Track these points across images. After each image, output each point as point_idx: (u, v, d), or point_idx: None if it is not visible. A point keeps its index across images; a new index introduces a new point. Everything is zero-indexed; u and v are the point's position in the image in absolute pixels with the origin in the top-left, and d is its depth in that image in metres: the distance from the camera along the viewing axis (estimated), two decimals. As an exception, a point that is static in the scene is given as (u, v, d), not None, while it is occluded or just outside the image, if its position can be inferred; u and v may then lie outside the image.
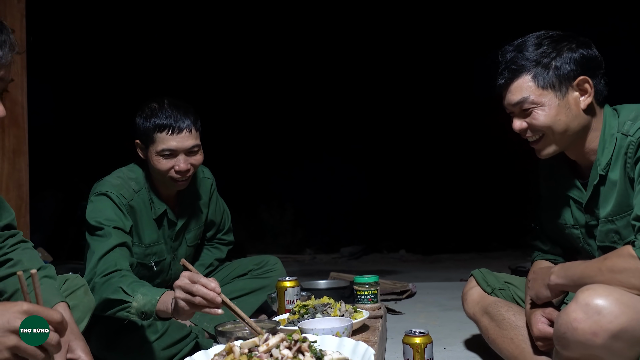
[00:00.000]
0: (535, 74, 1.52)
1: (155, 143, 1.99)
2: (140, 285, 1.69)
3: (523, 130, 1.58)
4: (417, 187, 8.22)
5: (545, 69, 1.52)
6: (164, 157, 2.00)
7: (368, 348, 1.24)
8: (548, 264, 1.80)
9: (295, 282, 2.03)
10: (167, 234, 2.21)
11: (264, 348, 1.15)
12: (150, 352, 1.90)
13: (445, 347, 2.17)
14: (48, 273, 1.50)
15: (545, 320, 1.56)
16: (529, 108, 1.54)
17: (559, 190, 1.72)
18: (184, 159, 2.01)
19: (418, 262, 6.81)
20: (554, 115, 1.52)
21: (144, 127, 2.01)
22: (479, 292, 1.91)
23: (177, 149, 1.99)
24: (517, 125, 1.59)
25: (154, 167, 2.05)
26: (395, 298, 3.38)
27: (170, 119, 1.98)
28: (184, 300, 1.46)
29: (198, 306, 1.45)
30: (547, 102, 1.52)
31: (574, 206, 1.66)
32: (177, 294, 1.47)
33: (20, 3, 2.82)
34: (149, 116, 2.00)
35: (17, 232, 1.59)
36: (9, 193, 2.68)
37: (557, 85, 1.51)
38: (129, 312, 1.65)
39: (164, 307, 1.58)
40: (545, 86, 1.52)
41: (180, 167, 2.00)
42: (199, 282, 1.43)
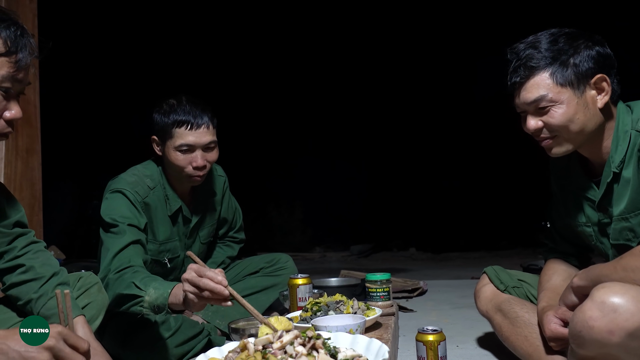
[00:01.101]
0: (554, 71, 1.49)
1: (173, 138, 2.03)
2: (152, 280, 1.70)
3: (538, 129, 1.55)
4: (426, 185, 8.20)
5: (564, 66, 1.49)
6: (181, 153, 2.03)
7: (382, 345, 1.24)
8: (561, 263, 1.79)
9: (308, 279, 2.04)
10: (181, 231, 2.23)
11: (278, 345, 1.15)
12: (164, 349, 1.91)
13: (458, 344, 2.16)
14: (62, 280, 1.51)
15: (557, 321, 1.53)
16: (546, 106, 1.50)
17: (570, 188, 1.70)
18: (201, 154, 2.05)
19: (428, 260, 6.80)
20: (572, 113, 1.49)
21: (162, 123, 2.05)
22: (491, 290, 1.90)
23: (195, 144, 2.02)
24: (531, 124, 1.55)
25: (171, 162, 2.07)
26: (406, 296, 3.37)
27: (189, 115, 2.02)
28: (192, 294, 1.46)
29: (207, 299, 1.45)
30: (565, 100, 1.49)
31: (587, 204, 1.65)
32: (185, 287, 1.48)
33: (32, 3, 2.85)
34: (168, 112, 2.04)
35: (29, 231, 1.60)
36: (23, 192, 2.70)
37: (576, 83, 1.48)
38: (142, 307, 1.66)
39: (176, 299, 1.59)
40: (564, 84, 1.48)
41: (198, 162, 2.04)
42: (205, 275, 1.43)
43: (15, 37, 1.25)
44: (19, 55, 1.25)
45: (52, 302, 1.44)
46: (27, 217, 1.64)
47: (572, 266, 1.78)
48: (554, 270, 1.76)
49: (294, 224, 8.31)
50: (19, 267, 1.51)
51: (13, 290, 1.50)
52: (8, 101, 1.28)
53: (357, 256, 7.35)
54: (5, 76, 1.24)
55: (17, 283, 1.49)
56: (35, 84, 2.74)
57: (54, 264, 1.56)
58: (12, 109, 1.29)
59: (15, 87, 1.28)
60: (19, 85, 1.29)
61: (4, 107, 1.27)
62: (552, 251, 1.86)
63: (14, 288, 1.50)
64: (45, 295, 1.46)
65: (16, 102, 1.30)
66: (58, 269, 1.54)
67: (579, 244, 1.78)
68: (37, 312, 1.45)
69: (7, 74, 1.24)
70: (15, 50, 1.24)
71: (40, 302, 1.45)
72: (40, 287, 1.47)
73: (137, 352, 1.89)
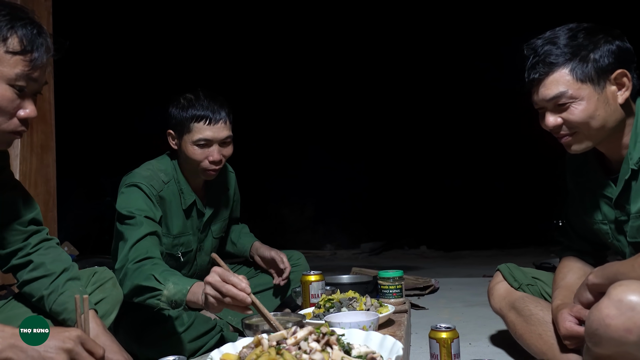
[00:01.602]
0: (573, 67, 1.46)
1: (191, 132, 2.04)
2: (172, 274, 1.71)
3: (557, 126, 1.52)
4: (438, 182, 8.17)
5: (584, 62, 1.46)
6: (199, 147, 2.05)
7: (396, 342, 1.23)
8: (576, 261, 1.77)
9: (320, 276, 2.04)
10: (195, 225, 2.24)
11: (292, 341, 1.15)
12: (178, 344, 1.92)
13: (471, 342, 2.15)
14: (72, 275, 1.53)
15: (572, 319, 1.52)
16: (566, 103, 1.48)
17: (587, 185, 1.68)
18: (218, 149, 2.07)
19: (439, 258, 6.77)
20: (592, 109, 1.46)
21: (179, 117, 2.06)
22: (505, 287, 1.89)
23: (212, 139, 2.05)
24: (550, 121, 1.52)
25: (187, 156, 2.09)
26: (418, 293, 3.36)
27: (208, 110, 2.03)
28: (213, 298, 1.47)
29: (227, 305, 1.46)
30: (585, 96, 1.46)
31: (603, 201, 1.63)
32: (207, 290, 1.48)
33: (47, 1, 2.87)
34: (186, 107, 2.05)
35: (43, 228, 1.61)
36: (38, 188, 2.73)
37: (596, 79, 1.46)
38: (160, 300, 1.67)
39: (194, 297, 1.59)
40: (584, 79, 1.46)
41: (214, 157, 2.06)
42: (229, 281, 1.44)
43: (31, 36, 1.25)
44: (34, 54, 1.25)
45: (62, 298, 1.46)
46: (42, 214, 1.65)
47: (587, 264, 1.76)
48: (569, 268, 1.75)
49: (305, 221, 8.32)
50: (30, 263, 1.53)
51: (26, 288, 1.52)
52: (23, 100, 1.28)
53: (367, 254, 7.34)
54: (19, 74, 1.24)
55: (29, 280, 1.51)
56: (50, 82, 2.76)
57: (65, 259, 1.58)
58: (27, 108, 1.29)
59: (31, 86, 1.28)
60: (35, 84, 1.29)
61: (18, 105, 1.27)
62: (567, 249, 1.84)
63: (26, 285, 1.52)
64: (56, 291, 1.47)
65: (31, 101, 1.30)
66: (69, 265, 1.55)
67: (595, 241, 1.76)
68: (49, 308, 1.47)
69: (22, 72, 1.24)
70: (31, 50, 1.25)
71: (51, 298, 1.47)
72: (51, 284, 1.49)
73: (151, 348, 1.90)
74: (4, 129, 1.28)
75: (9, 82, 1.23)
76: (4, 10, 1.24)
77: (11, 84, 1.24)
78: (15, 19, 1.24)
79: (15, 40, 1.23)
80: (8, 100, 1.24)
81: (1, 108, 1.24)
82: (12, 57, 1.22)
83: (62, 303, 1.46)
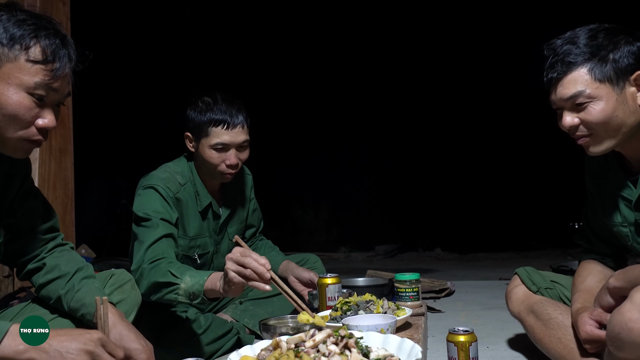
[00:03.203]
0: (592, 66, 1.45)
1: (209, 137, 2.06)
2: (188, 269, 1.74)
3: (574, 126, 1.50)
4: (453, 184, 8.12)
5: (603, 62, 1.44)
6: (216, 151, 2.07)
7: (414, 345, 1.23)
8: (596, 264, 1.75)
9: (337, 279, 2.03)
10: (211, 227, 2.25)
11: (310, 343, 1.15)
12: (196, 346, 1.93)
13: (489, 346, 2.13)
14: (86, 274, 1.54)
15: (593, 323, 1.49)
16: (584, 102, 1.46)
17: (606, 187, 1.66)
18: (235, 153, 2.09)
19: (454, 260, 6.73)
20: (611, 110, 1.44)
21: (198, 121, 2.07)
22: (523, 291, 1.87)
23: (230, 143, 2.06)
24: (567, 121, 1.51)
25: (204, 159, 2.10)
26: (434, 296, 3.34)
27: (226, 114, 2.05)
28: (234, 272, 1.51)
29: (248, 278, 1.50)
30: (604, 96, 1.44)
31: (623, 204, 1.61)
32: (228, 264, 1.53)
33: (66, 6, 2.91)
34: (204, 110, 2.07)
35: (58, 234, 1.63)
36: (56, 191, 2.76)
37: (615, 79, 1.44)
38: (177, 294, 1.70)
39: (212, 285, 1.63)
40: (602, 79, 1.44)
41: (231, 161, 2.08)
42: (250, 256, 1.50)
43: (54, 47, 1.25)
44: (55, 65, 1.25)
45: (79, 295, 1.47)
46: (60, 216, 1.68)
47: (607, 267, 1.74)
48: (589, 271, 1.73)
49: (319, 224, 8.32)
50: (44, 266, 1.54)
51: (43, 291, 1.53)
52: (42, 109, 1.28)
53: (382, 256, 7.32)
54: (39, 83, 1.24)
55: (44, 283, 1.53)
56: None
57: (78, 260, 1.59)
58: (46, 118, 1.28)
59: (51, 96, 1.28)
60: (55, 94, 1.29)
61: (37, 114, 1.27)
62: (587, 252, 1.82)
63: (43, 289, 1.53)
64: (72, 289, 1.48)
65: (51, 111, 1.30)
66: (83, 265, 1.57)
67: (615, 244, 1.74)
68: (67, 307, 1.48)
69: (42, 81, 1.24)
70: (53, 60, 1.25)
71: (68, 297, 1.48)
72: (67, 283, 1.50)
73: (170, 350, 1.91)
74: (21, 136, 1.28)
75: (28, 91, 1.24)
76: (30, 20, 1.25)
77: (30, 92, 1.24)
78: (40, 28, 1.25)
79: (37, 49, 1.24)
80: (26, 109, 1.24)
81: (18, 116, 1.24)
82: (33, 66, 1.23)
83: (79, 299, 1.46)
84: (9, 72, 1.22)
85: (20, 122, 1.25)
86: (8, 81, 1.22)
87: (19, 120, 1.25)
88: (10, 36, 1.22)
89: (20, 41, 1.22)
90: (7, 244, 1.49)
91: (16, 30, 1.22)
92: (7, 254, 1.52)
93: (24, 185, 1.52)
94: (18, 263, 1.57)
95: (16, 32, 1.22)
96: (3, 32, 1.21)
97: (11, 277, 2.64)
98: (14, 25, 1.23)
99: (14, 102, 1.23)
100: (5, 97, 1.22)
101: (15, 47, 1.22)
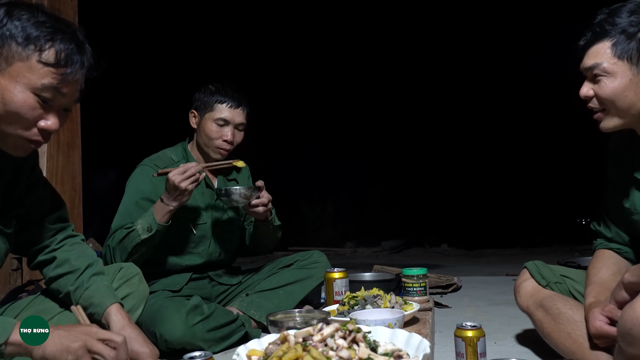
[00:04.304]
0: (617, 41, 1.42)
1: (213, 111, 2.33)
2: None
3: (588, 97, 1.50)
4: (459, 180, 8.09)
5: (629, 39, 1.41)
6: (217, 125, 2.32)
7: (422, 340, 1.22)
8: (610, 256, 1.72)
9: (344, 273, 2.03)
10: (206, 200, 2.40)
11: (318, 337, 1.15)
12: (195, 331, 1.94)
13: (496, 341, 2.12)
14: (97, 270, 1.56)
15: (603, 318, 1.47)
16: (599, 76, 1.45)
17: (629, 175, 1.63)
18: (232, 131, 2.34)
19: (461, 256, 6.72)
20: (621, 89, 1.43)
21: (205, 98, 2.35)
22: (532, 285, 1.85)
23: (230, 120, 2.32)
24: (584, 90, 1.50)
25: (204, 133, 2.33)
26: (441, 292, 3.33)
27: (231, 96, 2.34)
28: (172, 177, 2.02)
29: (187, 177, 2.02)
30: (619, 73, 1.42)
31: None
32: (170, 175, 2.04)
33: (73, 1, 2.91)
34: (213, 92, 2.35)
35: (68, 225, 1.65)
36: (64, 185, 2.77)
37: (635, 59, 1.41)
38: (138, 233, 2.05)
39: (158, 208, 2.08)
40: (621, 56, 1.42)
41: (228, 137, 2.32)
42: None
43: (68, 51, 1.26)
44: (67, 70, 1.25)
45: (88, 293, 1.50)
46: (68, 210, 1.68)
47: (622, 259, 1.71)
48: (603, 263, 1.70)
49: (326, 219, 8.32)
50: (55, 259, 1.56)
51: (53, 285, 1.56)
52: (46, 111, 1.28)
53: (388, 252, 7.32)
54: (46, 85, 1.24)
55: (55, 277, 1.55)
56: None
57: (89, 255, 1.61)
58: (49, 120, 1.28)
59: (58, 99, 1.28)
60: (63, 98, 1.29)
61: (40, 115, 1.27)
62: (602, 241, 1.78)
63: (53, 282, 1.55)
64: (81, 286, 1.51)
65: (56, 114, 1.30)
66: (93, 260, 1.59)
67: (633, 234, 1.70)
68: (76, 303, 1.51)
69: (50, 84, 1.24)
70: (65, 64, 1.25)
71: (77, 294, 1.51)
72: (77, 279, 1.52)
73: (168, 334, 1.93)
74: (20, 134, 1.28)
75: (34, 91, 1.24)
76: (49, 23, 1.26)
77: (36, 93, 1.24)
78: (57, 32, 1.25)
79: (51, 52, 1.24)
80: (29, 108, 1.24)
81: (20, 114, 1.24)
82: (43, 68, 1.23)
83: (88, 298, 1.50)
84: (19, 71, 1.23)
85: (22, 121, 1.26)
86: (17, 79, 1.23)
87: (21, 119, 1.25)
88: (26, 36, 1.22)
89: (35, 42, 1.23)
90: (18, 234, 1.51)
91: (33, 30, 1.23)
92: (18, 244, 1.54)
93: (32, 175, 1.53)
94: (29, 253, 1.59)
95: (33, 32, 1.23)
96: (20, 31, 1.22)
97: (20, 270, 2.65)
98: (32, 26, 1.23)
99: (18, 100, 1.23)
100: (10, 94, 1.23)
101: (29, 47, 1.23)
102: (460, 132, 8.02)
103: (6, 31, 1.22)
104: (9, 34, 1.22)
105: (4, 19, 1.22)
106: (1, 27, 1.22)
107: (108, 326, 1.48)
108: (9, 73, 1.22)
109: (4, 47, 1.22)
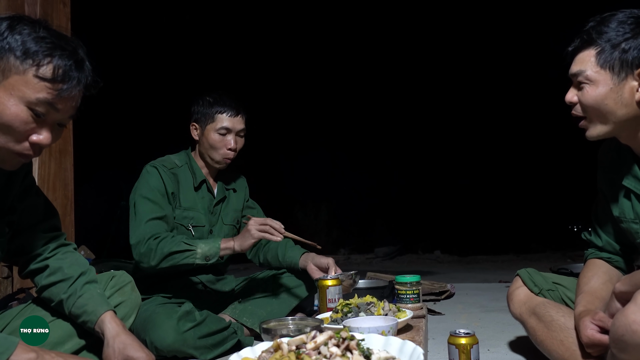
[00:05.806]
0: (602, 50, 1.44)
1: (214, 122, 2.39)
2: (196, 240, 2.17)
3: (572, 103, 1.53)
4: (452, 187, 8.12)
5: (612, 49, 1.43)
6: (220, 135, 2.38)
7: (416, 347, 1.22)
8: (601, 264, 1.73)
9: (337, 280, 2.03)
10: (205, 204, 2.43)
11: (312, 345, 1.14)
12: (186, 338, 1.93)
13: (489, 348, 2.12)
14: (90, 278, 1.55)
15: (594, 327, 1.47)
16: (582, 82, 1.47)
17: (618, 183, 1.64)
18: (234, 138, 2.41)
19: (454, 263, 6.73)
20: (601, 98, 1.44)
21: (205, 110, 2.41)
22: (525, 292, 1.85)
23: (232, 128, 2.39)
24: (568, 96, 1.53)
25: (207, 143, 2.39)
26: (434, 299, 3.33)
27: (230, 105, 2.41)
28: (256, 228, 2.12)
29: (267, 232, 2.12)
30: (601, 81, 1.44)
31: (635, 200, 1.59)
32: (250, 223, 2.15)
33: (66, 7, 2.90)
34: (212, 103, 2.41)
35: (61, 234, 1.64)
36: (56, 192, 2.75)
37: (617, 69, 1.43)
38: (195, 258, 2.11)
39: (225, 245, 2.15)
40: (604, 65, 1.44)
41: (231, 145, 2.39)
42: (268, 219, 2.17)
43: (66, 68, 1.25)
44: (63, 86, 1.25)
45: (81, 301, 1.49)
46: (60, 218, 1.67)
47: (613, 268, 1.72)
48: (594, 272, 1.71)
49: (319, 225, 8.32)
50: (47, 268, 1.55)
51: (45, 293, 1.54)
52: (39, 126, 1.27)
53: (382, 258, 7.31)
54: (41, 100, 1.23)
55: (47, 285, 1.53)
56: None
57: (82, 263, 1.60)
58: (41, 134, 1.27)
59: (52, 114, 1.27)
60: (57, 114, 1.28)
61: (32, 129, 1.26)
62: (594, 250, 1.79)
63: (45, 290, 1.54)
64: (74, 294, 1.50)
65: (49, 129, 1.28)
66: (86, 268, 1.58)
67: (623, 242, 1.71)
68: (68, 311, 1.50)
69: (44, 99, 1.23)
70: (61, 81, 1.24)
71: (70, 302, 1.49)
72: (69, 287, 1.51)
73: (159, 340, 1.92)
74: (11, 148, 1.27)
75: (29, 105, 1.23)
76: (49, 39, 1.25)
77: (30, 107, 1.23)
78: (57, 48, 1.25)
79: (49, 68, 1.24)
80: (21, 121, 1.24)
81: (12, 127, 1.23)
82: (39, 82, 1.23)
83: (81, 306, 1.49)
84: (15, 84, 1.22)
85: (13, 134, 1.25)
86: (11, 92, 1.22)
87: (13, 132, 1.25)
88: (25, 50, 1.22)
89: (34, 57, 1.23)
90: (10, 241, 1.50)
91: (32, 45, 1.23)
92: (10, 251, 1.53)
93: (25, 181, 1.53)
94: (20, 261, 1.58)
95: (32, 47, 1.23)
96: (20, 45, 1.22)
97: (10, 278, 2.63)
98: (32, 41, 1.23)
99: (11, 113, 1.22)
100: (3, 106, 1.22)
101: (27, 61, 1.22)
102: (455, 140, 8.05)
103: (6, 44, 1.22)
104: (8, 47, 1.22)
105: (5, 32, 1.22)
106: (1, 39, 1.22)
107: (102, 334, 1.47)
108: (4, 86, 1.22)
109: (2, 60, 1.22)
